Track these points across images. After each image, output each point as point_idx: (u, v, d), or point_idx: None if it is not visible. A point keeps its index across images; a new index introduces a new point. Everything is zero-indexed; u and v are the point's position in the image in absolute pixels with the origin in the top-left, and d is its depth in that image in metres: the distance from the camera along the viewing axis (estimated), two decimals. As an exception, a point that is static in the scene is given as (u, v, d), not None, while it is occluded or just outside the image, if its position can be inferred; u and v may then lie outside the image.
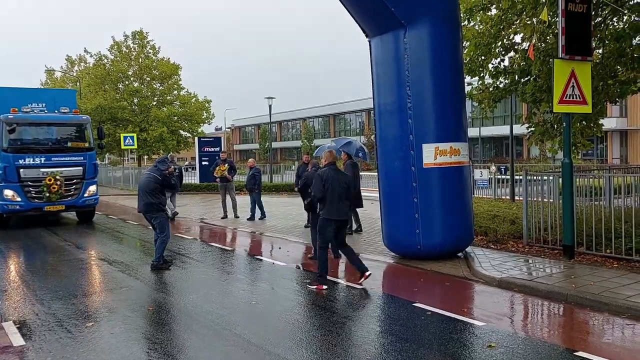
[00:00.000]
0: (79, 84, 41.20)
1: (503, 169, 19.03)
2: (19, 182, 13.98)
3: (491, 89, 11.75)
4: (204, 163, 25.76)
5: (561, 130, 9.84)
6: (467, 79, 11.43)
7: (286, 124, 77.87)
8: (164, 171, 9.04)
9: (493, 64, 11.38)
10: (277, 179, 29.62)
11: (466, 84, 10.87)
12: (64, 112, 15.16)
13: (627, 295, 6.34)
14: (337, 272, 8.49)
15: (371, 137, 46.64)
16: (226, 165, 15.36)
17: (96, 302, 7.04)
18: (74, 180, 14.67)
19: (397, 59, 8.77)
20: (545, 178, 10.82)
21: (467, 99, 10.85)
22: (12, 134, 14.13)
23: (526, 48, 10.14)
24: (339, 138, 14.98)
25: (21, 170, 14.03)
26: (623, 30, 9.49)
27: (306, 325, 5.97)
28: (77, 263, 9.71)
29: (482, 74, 11.51)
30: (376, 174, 9.45)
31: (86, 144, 15.22)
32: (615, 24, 10.47)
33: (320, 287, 7.36)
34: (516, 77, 11.04)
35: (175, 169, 11.02)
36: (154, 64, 38.83)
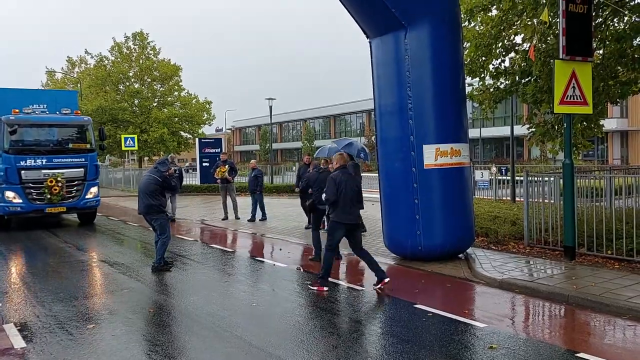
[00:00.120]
0: (79, 85, 41.22)
1: (504, 170, 19.04)
2: (20, 183, 13.93)
3: (492, 89, 11.74)
4: (204, 164, 25.79)
5: (562, 131, 9.83)
6: (468, 80, 11.42)
7: (287, 125, 77.91)
8: (164, 173, 9.03)
9: (494, 64, 11.38)
10: (277, 180, 29.62)
11: (467, 84, 10.87)
12: (65, 113, 15.13)
13: (628, 296, 6.34)
14: (338, 274, 8.49)
15: (372, 138, 46.64)
16: (227, 166, 15.36)
17: (97, 304, 7.04)
18: (76, 182, 14.62)
19: (397, 60, 8.77)
20: (546, 179, 10.81)
21: (468, 99, 10.84)
22: (13, 135, 14.08)
23: (527, 49, 10.13)
24: (340, 139, 14.98)
25: (22, 171, 13.98)
26: (624, 31, 9.50)
27: (307, 327, 5.97)
28: (78, 265, 9.72)
29: (482, 75, 11.50)
30: (377, 175, 9.44)
31: (87, 145, 15.16)
32: (616, 24, 10.47)
33: (321, 288, 7.36)
34: (517, 78, 11.04)
35: (175, 170, 11.00)
36: (155, 65, 38.85)
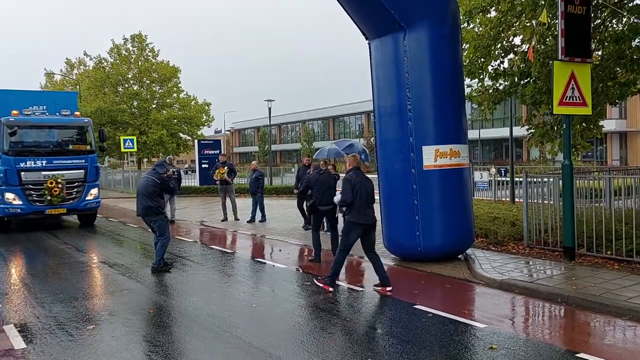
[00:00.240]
0: (78, 87, 41.23)
1: (503, 171, 19.06)
2: (20, 185, 13.90)
3: (491, 91, 11.76)
4: (203, 166, 25.80)
5: (561, 132, 9.85)
6: (467, 81, 11.44)
7: (285, 127, 77.92)
8: (162, 174, 9.02)
9: (493, 66, 11.40)
10: (276, 181, 29.63)
11: (466, 86, 10.89)
12: (65, 115, 15.11)
13: (628, 296, 6.35)
14: (338, 275, 8.48)
15: (371, 140, 46.66)
16: (226, 168, 15.35)
17: (97, 305, 7.04)
18: (76, 183, 14.60)
19: (396, 61, 8.78)
20: (546, 180, 10.82)
21: (467, 101, 10.86)
22: (13, 136, 14.06)
23: (526, 50, 10.15)
24: (340, 140, 14.96)
25: (22, 173, 13.95)
26: (622, 32, 9.52)
27: (307, 328, 5.97)
28: (78, 266, 9.71)
29: (481, 76, 11.53)
30: (376, 176, 9.45)
31: (88, 147, 15.13)
32: (615, 25, 10.49)
33: (326, 287, 7.33)
34: (516, 79, 11.05)
35: (173, 172, 11.00)
36: (154, 67, 38.91)
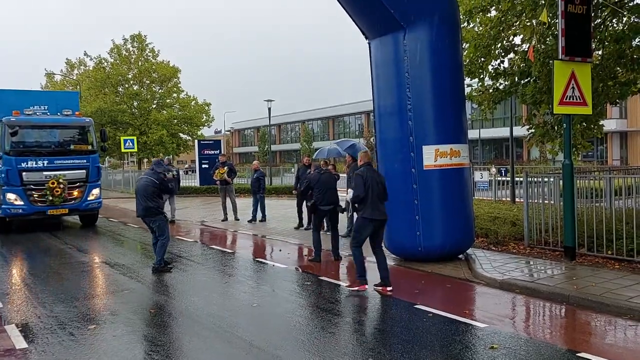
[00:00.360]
0: (79, 87, 41.24)
1: (503, 171, 19.06)
2: (21, 185, 13.87)
3: (491, 90, 11.76)
4: (204, 166, 25.82)
5: (561, 131, 9.85)
6: (467, 81, 11.44)
7: (285, 127, 77.91)
8: (161, 174, 8.98)
9: (493, 65, 11.40)
10: (276, 181, 29.63)
11: (466, 85, 10.88)
12: (67, 115, 15.07)
13: (628, 296, 6.35)
14: (339, 274, 8.51)
15: (370, 140, 46.65)
16: (226, 168, 15.34)
17: (98, 305, 7.05)
18: (77, 184, 14.54)
19: (396, 60, 8.79)
20: (546, 180, 10.83)
21: (467, 100, 10.86)
22: (14, 136, 14.01)
23: (526, 49, 10.15)
24: (341, 140, 14.90)
25: (24, 173, 13.91)
26: (623, 32, 9.52)
27: (308, 327, 5.97)
28: (79, 266, 9.72)
29: (481, 76, 11.52)
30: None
31: (89, 147, 15.07)
32: (615, 25, 10.50)
33: (363, 287, 7.30)
34: (516, 79, 11.05)
35: (174, 175, 10.98)
36: (154, 67, 38.94)
